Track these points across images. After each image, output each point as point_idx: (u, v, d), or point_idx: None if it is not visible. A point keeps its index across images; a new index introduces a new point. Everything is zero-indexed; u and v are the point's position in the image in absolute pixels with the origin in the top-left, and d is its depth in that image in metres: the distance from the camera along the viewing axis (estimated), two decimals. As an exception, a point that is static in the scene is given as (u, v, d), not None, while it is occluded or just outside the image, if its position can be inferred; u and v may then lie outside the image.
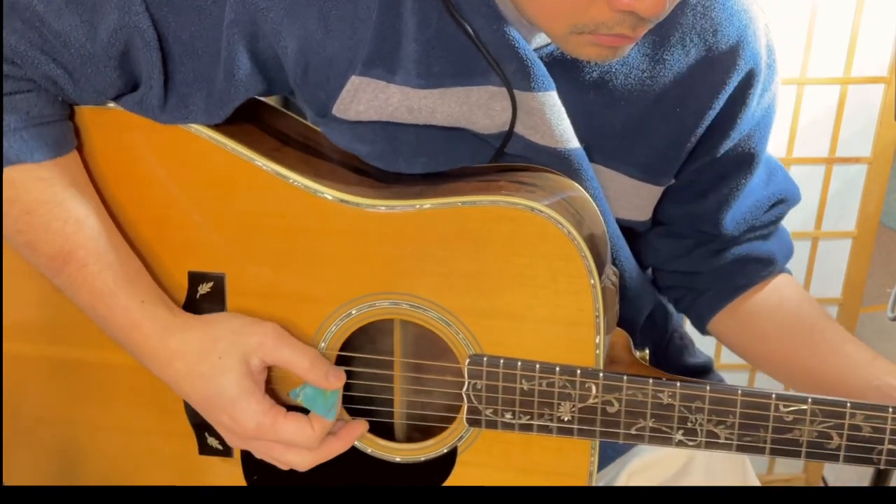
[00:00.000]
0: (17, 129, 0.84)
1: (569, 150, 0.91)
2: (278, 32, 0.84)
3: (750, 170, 1.00)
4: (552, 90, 0.88)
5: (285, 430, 0.87)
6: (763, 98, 0.98)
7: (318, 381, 0.88)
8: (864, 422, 0.83)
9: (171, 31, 0.85)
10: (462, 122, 0.89)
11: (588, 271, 0.84)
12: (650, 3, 0.73)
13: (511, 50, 0.85)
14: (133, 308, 0.87)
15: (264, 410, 0.87)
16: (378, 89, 0.87)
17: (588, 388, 0.87)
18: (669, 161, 0.97)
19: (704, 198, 1.01)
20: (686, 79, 0.92)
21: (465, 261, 0.86)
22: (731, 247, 1.05)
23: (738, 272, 1.05)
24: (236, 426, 0.87)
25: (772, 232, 1.07)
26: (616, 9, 0.75)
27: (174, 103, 0.87)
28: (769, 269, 1.05)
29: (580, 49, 0.81)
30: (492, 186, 0.87)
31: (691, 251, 1.05)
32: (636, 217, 1.00)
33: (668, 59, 0.92)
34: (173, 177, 0.90)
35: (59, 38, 0.83)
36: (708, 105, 0.94)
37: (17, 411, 1.00)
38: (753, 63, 0.94)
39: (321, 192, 0.87)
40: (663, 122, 0.94)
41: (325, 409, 0.89)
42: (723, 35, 0.92)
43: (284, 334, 0.89)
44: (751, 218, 1.03)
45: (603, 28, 0.77)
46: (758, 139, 1.00)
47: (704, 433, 0.86)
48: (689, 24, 0.91)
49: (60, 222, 0.86)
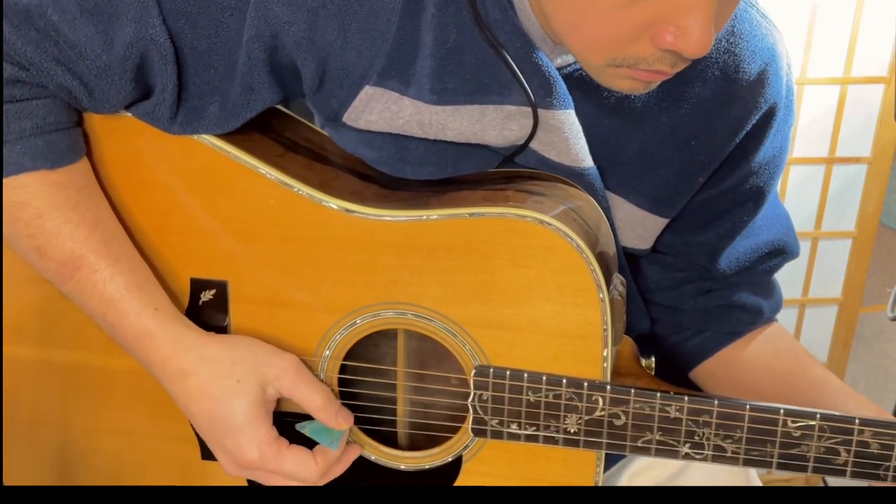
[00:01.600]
0: (33, 136, 0.83)
1: (584, 168, 0.90)
2: (299, 45, 0.83)
3: (754, 208, 0.99)
4: (571, 109, 0.87)
5: (289, 462, 0.87)
6: (777, 137, 0.96)
7: (327, 420, 0.88)
8: (873, 438, 0.83)
9: (188, 44, 0.83)
10: (473, 140, 0.88)
11: (597, 285, 0.83)
12: (694, 45, 0.72)
13: (534, 67, 0.84)
14: (146, 315, 0.86)
15: (270, 440, 0.86)
16: (391, 100, 0.86)
17: (595, 400, 0.86)
18: (679, 194, 0.96)
19: (705, 230, 1.00)
20: (704, 113, 0.91)
21: (472, 272, 0.85)
22: (720, 289, 1.03)
23: (722, 318, 1.04)
24: (239, 452, 0.86)
25: (765, 285, 1.05)
26: (660, 47, 0.74)
27: (185, 115, 0.86)
28: (755, 320, 1.04)
29: (614, 81, 0.80)
30: (499, 196, 0.86)
31: (681, 285, 1.04)
32: (639, 246, 0.99)
33: (688, 92, 0.90)
34: (177, 183, 0.89)
35: (75, 48, 0.81)
36: (724, 140, 0.92)
37: (16, 415, 0.99)
38: (774, 102, 0.93)
39: (326, 202, 0.86)
40: (677, 153, 0.92)
41: (330, 440, 0.89)
42: (745, 72, 0.90)
43: (303, 369, 0.88)
44: (745, 259, 1.01)
45: (642, 64, 0.77)
46: (766, 178, 0.98)
47: (711, 447, 0.85)
48: (712, 58, 0.89)
49: (72, 226, 0.84)
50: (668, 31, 0.73)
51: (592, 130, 0.89)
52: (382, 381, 0.93)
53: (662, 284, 1.04)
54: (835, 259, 1.91)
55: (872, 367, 2.30)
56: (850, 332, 1.96)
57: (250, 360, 0.87)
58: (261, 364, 0.87)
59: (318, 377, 0.90)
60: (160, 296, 0.88)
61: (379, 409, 0.94)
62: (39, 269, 0.86)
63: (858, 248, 1.90)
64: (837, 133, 1.82)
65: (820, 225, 1.88)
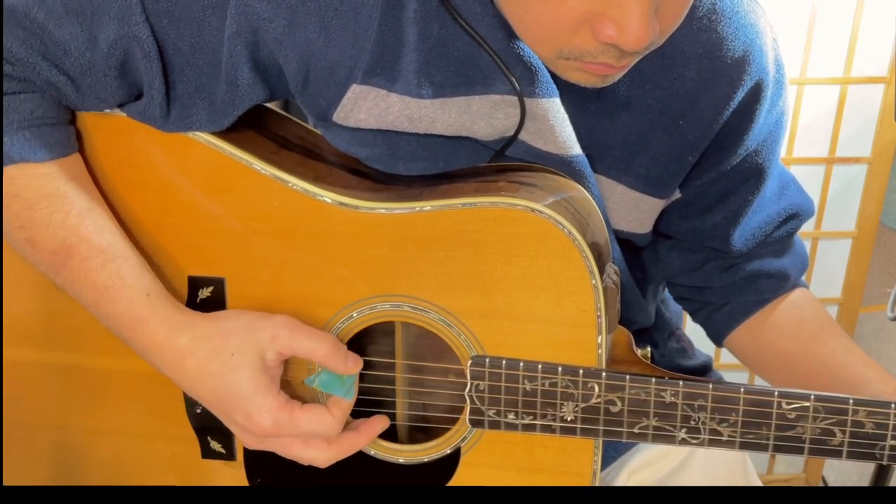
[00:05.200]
0: (21, 129, 0.84)
1: (571, 156, 0.90)
2: (280, 42, 0.84)
3: (757, 185, 1.00)
4: (556, 97, 0.88)
5: (304, 422, 0.85)
6: (771, 113, 0.97)
7: (336, 366, 0.87)
8: (867, 418, 0.83)
9: (171, 42, 0.85)
10: (463, 132, 0.89)
11: (589, 272, 0.84)
12: (632, 38, 0.73)
13: (516, 57, 0.85)
14: (139, 301, 0.85)
15: (280, 405, 0.85)
16: (378, 98, 0.87)
17: (591, 387, 0.87)
18: (671, 174, 0.96)
19: (711, 213, 1.01)
20: (689, 92, 0.92)
21: (466, 262, 0.86)
22: (742, 263, 1.04)
23: (749, 288, 1.05)
24: (252, 425, 0.85)
25: (785, 247, 1.05)
26: (600, 40, 0.75)
27: (177, 113, 0.87)
28: (782, 285, 1.05)
29: (568, 73, 0.81)
30: (491, 187, 0.87)
31: (703, 265, 1.05)
32: (636, 229, 1.00)
33: (672, 72, 0.91)
34: (173, 181, 0.90)
35: (60, 46, 0.83)
36: (711, 119, 0.93)
37: (15, 416, 0.99)
38: (760, 78, 0.93)
39: (320, 196, 0.87)
40: (665, 134, 0.93)
41: (344, 390, 0.88)
42: (728, 49, 0.91)
43: (297, 323, 0.87)
44: (761, 234, 1.02)
45: (588, 56, 0.77)
46: (766, 155, 0.99)
47: (707, 431, 0.86)
48: (694, 37, 0.90)
49: (62, 215, 0.85)
50: (605, 24, 0.73)
51: (579, 117, 0.90)
52: (381, 373, 0.93)
53: (685, 268, 1.06)
54: (835, 259, 1.91)
55: (872, 367, 2.29)
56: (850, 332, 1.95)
57: (241, 328, 0.86)
58: (252, 331, 0.86)
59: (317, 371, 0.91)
60: (152, 281, 0.87)
61: (377, 402, 0.94)
62: (33, 261, 0.87)
63: (858, 248, 1.90)
64: (837, 133, 1.82)
65: (820, 225, 1.88)
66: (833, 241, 1.90)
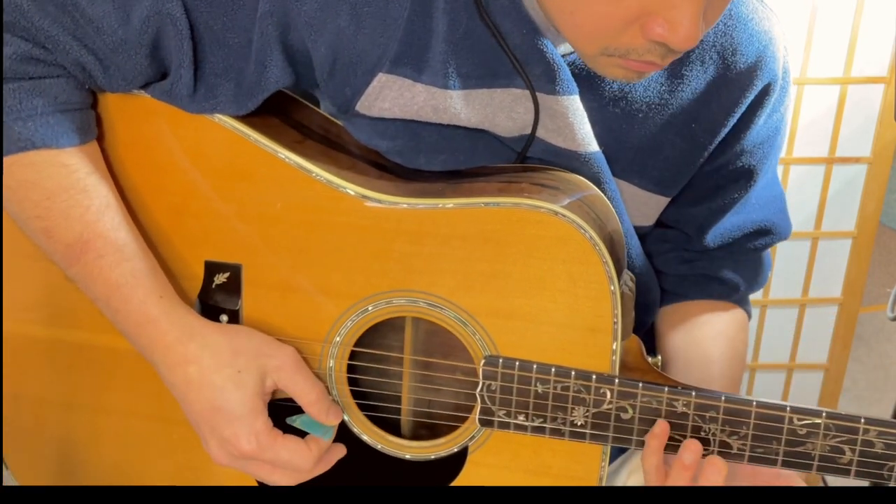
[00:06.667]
0: (45, 114, 0.83)
1: (589, 153, 0.91)
2: (310, 26, 0.84)
3: (746, 186, 1.00)
4: (575, 94, 0.88)
5: (284, 452, 0.87)
6: (772, 117, 0.98)
7: (318, 415, 0.89)
8: (878, 438, 0.84)
9: (203, 21, 0.84)
10: (485, 125, 0.89)
11: (608, 277, 0.84)
12: (682, 38, 0.74)
13: (538, 54, 0.85)
14: (151, 302, 0.86)
15: (266, 431, 0.87)
16: (404, 87, 0.87)
17: (603, 393, 0.87)
18: (682, 174, 0.98)
19: (698, 204, 1.02)
20: (703, 95, 0.93)
21: (485, 261, 0.86)
22: (702, 260, 1.05)
23: (699, 285, 1.07)
24: (235, 442, 0.86)
25: (748, 262, 1.07)
26: (649, 39, 0.76)
27: (203, 93, 0.86)
28: (729, 294, 1.07)
29: (607, 69, 0.82)
30: (513, 188, 0.87)
31: (667, 252, 1.06)
32: (643, 223, 1.01)
33: (687, 76, 0.92)
34: (194, 165, 0.89)
35: (92, 23, 0.82)
36: (722, 122, 0.94)
37: (20, 395, 0.99)
38: (769, 81, 0.94)
39: (343, 187, 0.86)
40: (678, 136, 0.94)
41: (322, 430, 0.90)
42: (742, 55, 0.92)
43: (301, 363, 0.89)
44: (730, 236, 1.03)
45: (633, 54, 0.78)
46: (759, 157, 0.99)
47: (717, 443, 0.86)
48: (709, 42, 0.92)
49: (81, 209, 0.85)
50: (657, 23, 0.74)
51: (596, 119, 0.91)
52: (391, 368, 0.93)
53: (650, 249, 1.06)
54: (835, 259, 1.91)
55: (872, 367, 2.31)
56: (850, 332, 1.96)
57: (251, 350, 0.87)
58: (262, 355, 0.88)
59: (328, 363, 0.91)
60: (165, 284, 0.88)
61: (386, 397, 0.94)
62: (46, 250, 0.87)
63: (858, 248, 1.90)
64: (837, 133, 1.82)
65: (820, 225, 1.88)
66: (833, 241, 1.90)
